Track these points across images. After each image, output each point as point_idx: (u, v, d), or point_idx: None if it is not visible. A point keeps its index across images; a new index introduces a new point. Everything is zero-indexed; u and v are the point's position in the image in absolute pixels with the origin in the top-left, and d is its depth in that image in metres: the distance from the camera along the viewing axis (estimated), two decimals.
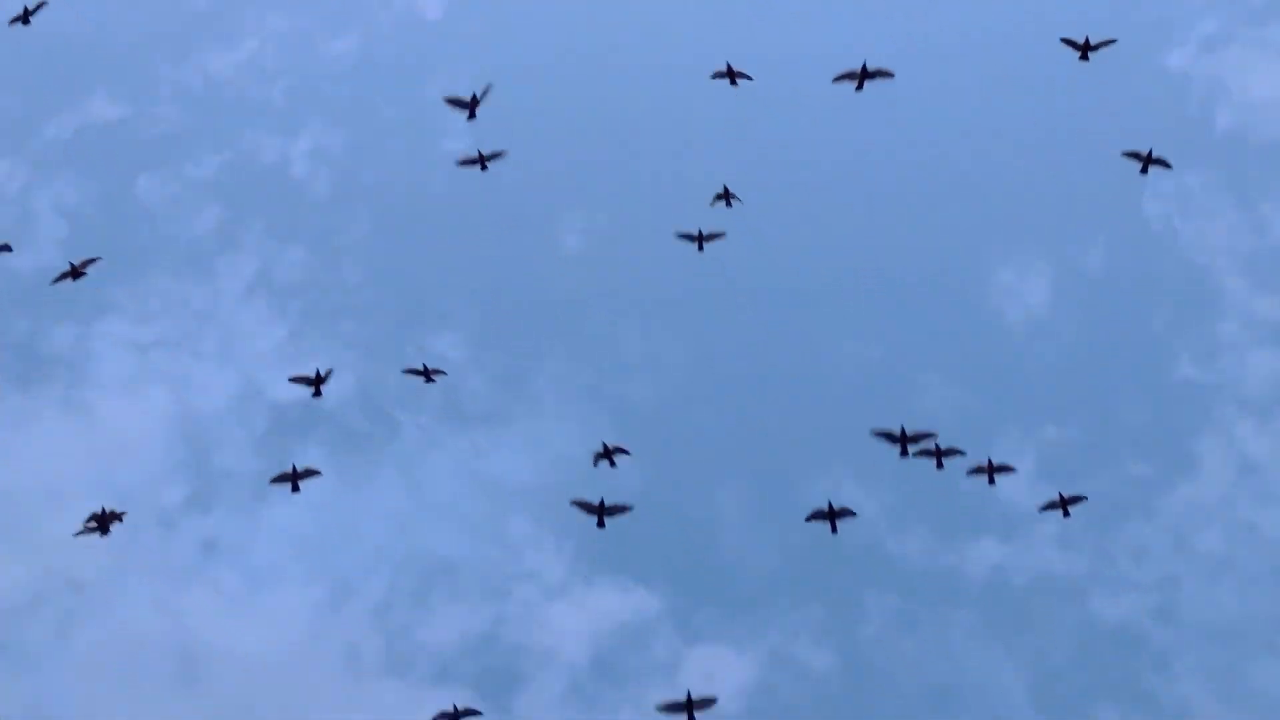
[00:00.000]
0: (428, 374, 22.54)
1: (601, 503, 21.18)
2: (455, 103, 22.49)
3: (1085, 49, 22.23)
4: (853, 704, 23.48)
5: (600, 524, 21.35)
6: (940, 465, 21.60)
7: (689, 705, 20.27)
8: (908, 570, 24.49)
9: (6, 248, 23.10)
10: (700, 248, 23.32)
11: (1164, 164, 22.40)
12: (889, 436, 21.47)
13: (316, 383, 21.87)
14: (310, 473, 21.78)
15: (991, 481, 21.89)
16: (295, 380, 22.04)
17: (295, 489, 21.75)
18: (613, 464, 21.82)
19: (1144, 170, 22.26)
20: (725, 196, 23.06)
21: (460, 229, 27.99)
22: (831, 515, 21.15)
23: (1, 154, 28.71)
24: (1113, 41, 22.28)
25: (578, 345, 26.62)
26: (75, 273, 22.70)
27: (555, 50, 29.59)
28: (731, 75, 22.59)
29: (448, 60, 30.03)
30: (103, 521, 21.21)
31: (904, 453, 21.42)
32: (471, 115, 22.48)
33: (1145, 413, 25.64)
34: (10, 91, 29.53)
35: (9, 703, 23.32)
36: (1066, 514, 21.76)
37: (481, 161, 22.87)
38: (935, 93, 29.02)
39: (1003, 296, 27.03)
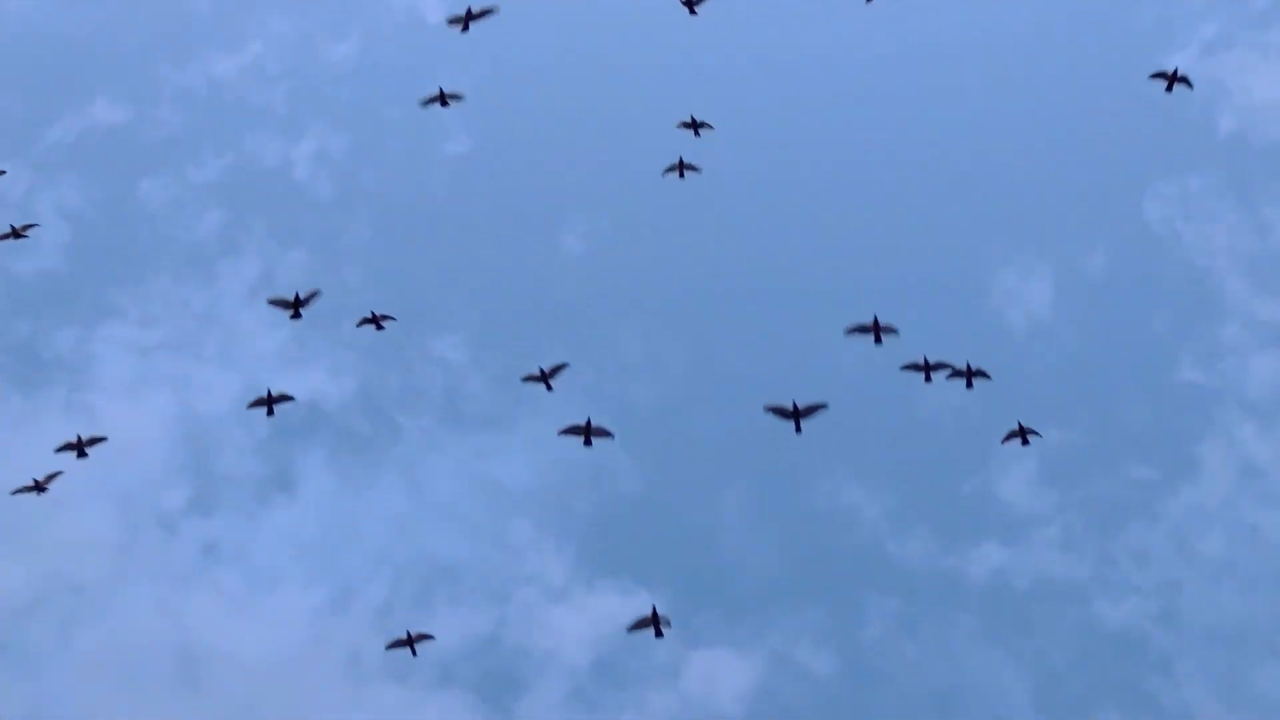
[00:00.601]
0: (377, 321, 22.68)
1: (588, 423, 21.26)
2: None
3: None
4: (854, 707, 23.47)
5: (587, 442, 21.41)
6: (929, 379, 21.61)
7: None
8: (909, 573, 24.49)
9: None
10: (681, 175, 23.36)
11: (1187, 83, 22.36)
12: (861, 329, 21.47)
13: (295, 305, 22.10)
14: (284, 398, 22.11)
15: (970, 385, 21.82)
16: (273, 302, 22.36)
17: (270, 413, 22.10)
18: (549, 388, 21.91)
19: (1169, 89, 22.22)
20: (694, 125, 23.15)
21: (461, 231, 28.03)
22: (795, 414, 20.99)
23: (4, 157, 28.75)
24: None
25: (579, 347, 26.61)
26: (15, 234, 23.11)
27: (556, 52, 29.62)
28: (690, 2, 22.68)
29: (449, 63, 30.06)
30: (79, 447, 21.69)
31: (878, 340, 21.44)
32: None
33: (1147, 415, 25.64)
34: (13, 95, 29.61)
35: (10, 704, 23.34)
36: (1026, 442, 21.79)
37: (442, 99, 23.12)
38: (937, 94, 29.04)
39: (1005, 299, 27.03)
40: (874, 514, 24.85)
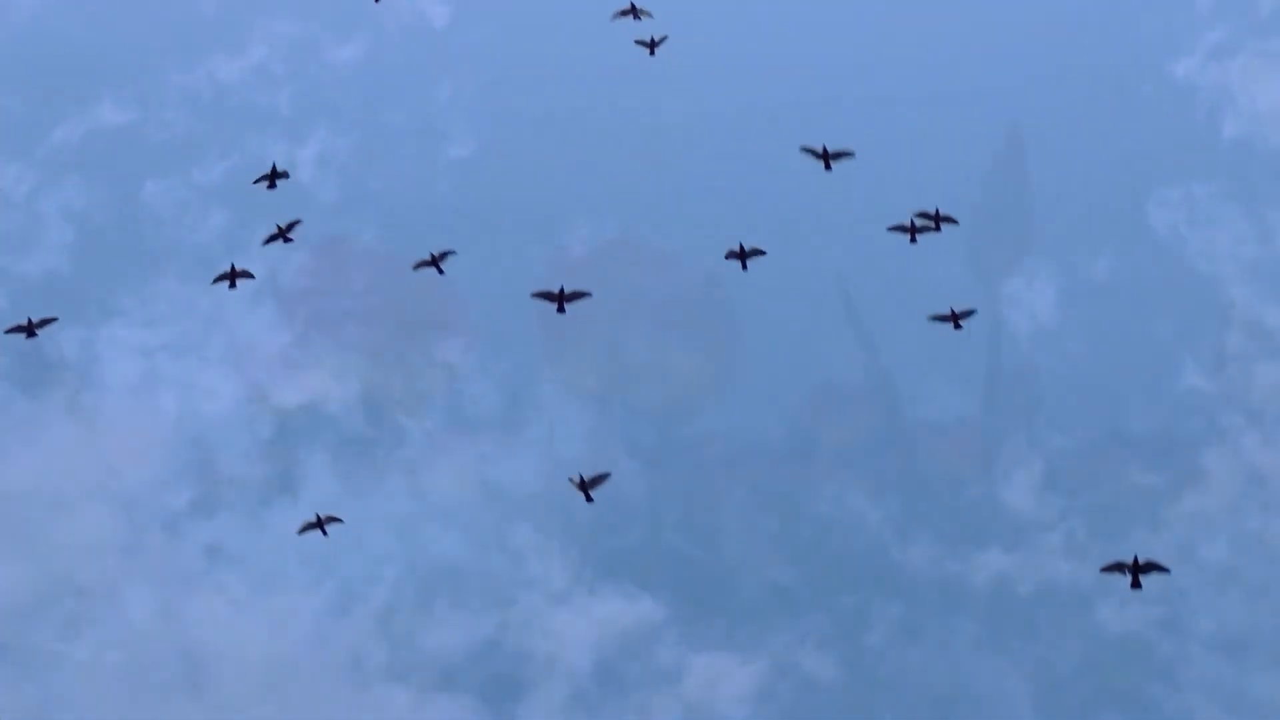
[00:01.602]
0: (284, 234, 22.87)
1: (561, 290, 20.85)
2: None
3: None
4: (857, 713, 23.46)
5: (560, 309, 21.10)
6: (914, 240, 21.49)
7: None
8: (912, 579, 24.47)
9: None
10: (652, 52, 23.38)
11: None
12: (813, 153, 21.47)
13: (272, 177, 22.29)
14: (246, 274, 22.34)
15: (938, 228, 21.60)
16: (258, 181, 22.61)
17: (233, 286, 22.35)
18: (440, 271, 21.85)
19: None
20: (632, 11, 23.27)
21: (466, 235, 28.01)
22: (742, 255, 20.98)
23: (10, 158, 28.81)
24: None
25: (583, 352, 26.62)
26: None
27: (561, 56, 29.63)
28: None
29: (455, 66, 30.11)
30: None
31: (827, 166, 21.42)
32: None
33: (1151, 422, 25.60)
34: (18, 96, 29.65)
35: (13, 706, 23.35)
36: (958, 326, 21.68)
37: None
38: (940, 99, 29.02)
39: (1009, 305, 27.02)
40: (877, 520, 24.85)
